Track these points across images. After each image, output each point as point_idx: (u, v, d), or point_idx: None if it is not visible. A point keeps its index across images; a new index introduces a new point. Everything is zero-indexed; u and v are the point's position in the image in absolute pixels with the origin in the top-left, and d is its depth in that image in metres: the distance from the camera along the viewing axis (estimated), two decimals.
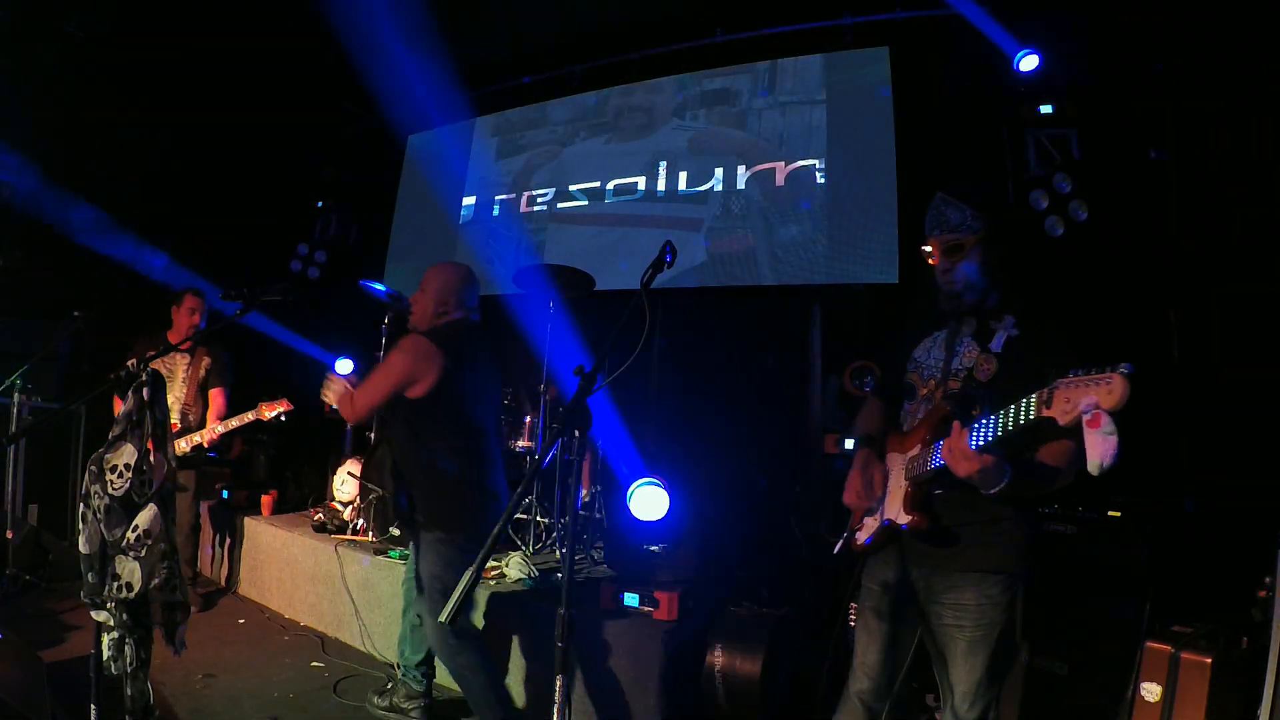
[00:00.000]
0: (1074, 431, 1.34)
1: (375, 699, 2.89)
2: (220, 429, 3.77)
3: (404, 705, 2.84)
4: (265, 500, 4.49)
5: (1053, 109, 3.75)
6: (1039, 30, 3.73)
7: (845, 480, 1.89)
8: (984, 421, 1.50)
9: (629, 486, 3.24)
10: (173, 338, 3.92)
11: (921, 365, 1.83)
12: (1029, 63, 3.74)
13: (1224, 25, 3.26)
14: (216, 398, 3.93)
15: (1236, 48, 3.25)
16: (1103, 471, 1.30)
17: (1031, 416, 1.40)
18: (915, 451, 1.71)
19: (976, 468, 1.49)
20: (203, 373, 3.94)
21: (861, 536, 1.82)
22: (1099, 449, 1.29)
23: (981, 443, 1.49)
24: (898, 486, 1.74)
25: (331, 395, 2.60)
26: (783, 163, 4.68)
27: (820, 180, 4.53)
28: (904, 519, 1.69)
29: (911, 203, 4.11)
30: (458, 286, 2.66)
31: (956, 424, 1.53)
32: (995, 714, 1.73)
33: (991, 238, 1.75)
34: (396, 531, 3.68)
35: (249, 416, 3.71)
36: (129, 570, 2.01)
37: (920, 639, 1.79)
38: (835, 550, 1.89)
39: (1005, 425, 1.46)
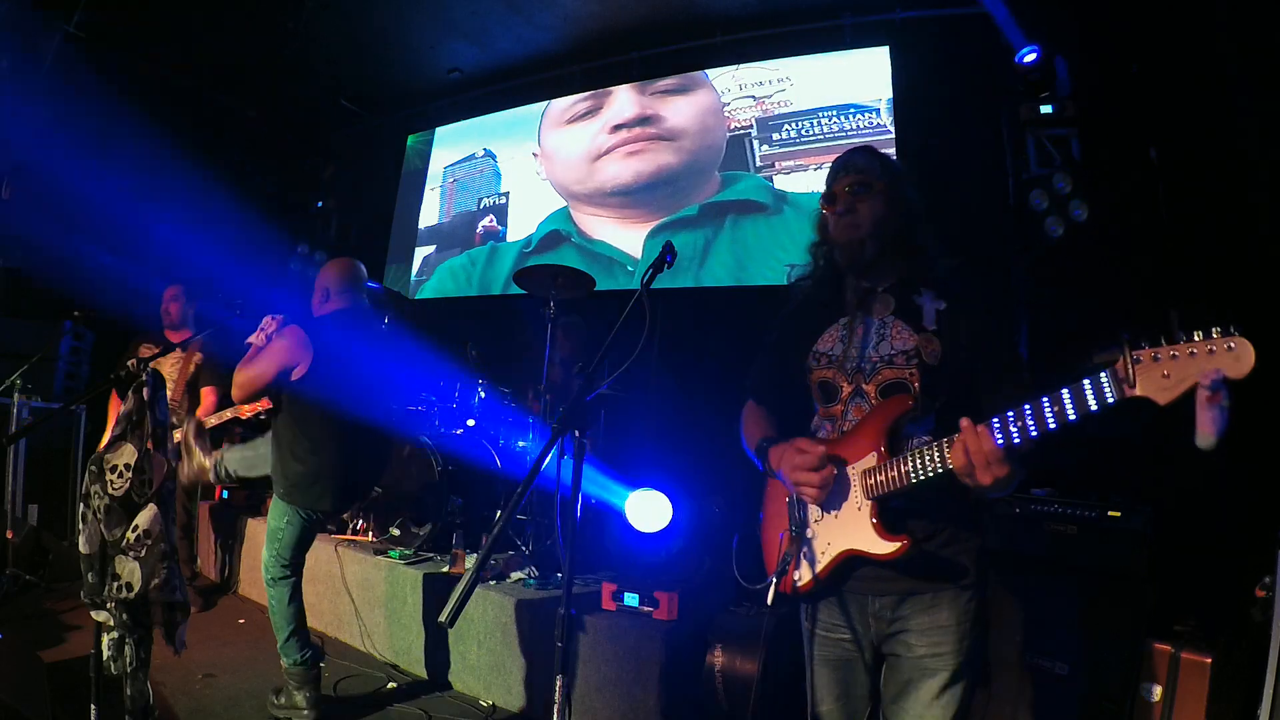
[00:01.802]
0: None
1: (273, 698, 2.80)
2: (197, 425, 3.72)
3: (298, 701, 2.74)
4: (265, 501, 4.49)
5: (1053, 109, 3.75)
6: (1040, 28, 3.73)
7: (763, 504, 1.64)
8: (1011, 415, 1.23)
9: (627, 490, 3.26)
10: (170, 334, 3.91)
11: (835, 359, 1.53)
12: (1031, 59, 3.72)
13: (1224, 23, 3.26)
14: (208, 395, 3.86)
15: (1237, 45, 3.25)
16: (1211, 447, 1.11)
17: (1110, 400, 1.15)
18: (870, 463, 1.43)
19: (1005, 472, 1.24)
20: (192, 369, 3.87)
21: (802, 574, 1.51)
22: (1216, 423, 1.09)
23: (1017, 441, 1.23)
24: (853, 508, 1.44)
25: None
26: (789, 162, 4.69)
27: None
28: (884, 548, 1.39)
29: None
30: (338, 278, 2.88)
31: (967, 422, 1.26)
32: None
33: (902, 188, 1.55)
34: (396, 531, 3.68)
35: (227, 414, 3.64)
36: (129, 570, 2.01)
37: (877, 683, 1.56)
38: (769, 600, 1.50)
39: (1059, 416, 1.19)
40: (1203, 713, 2.25)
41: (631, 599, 2.83)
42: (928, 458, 1.34)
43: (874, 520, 1.41)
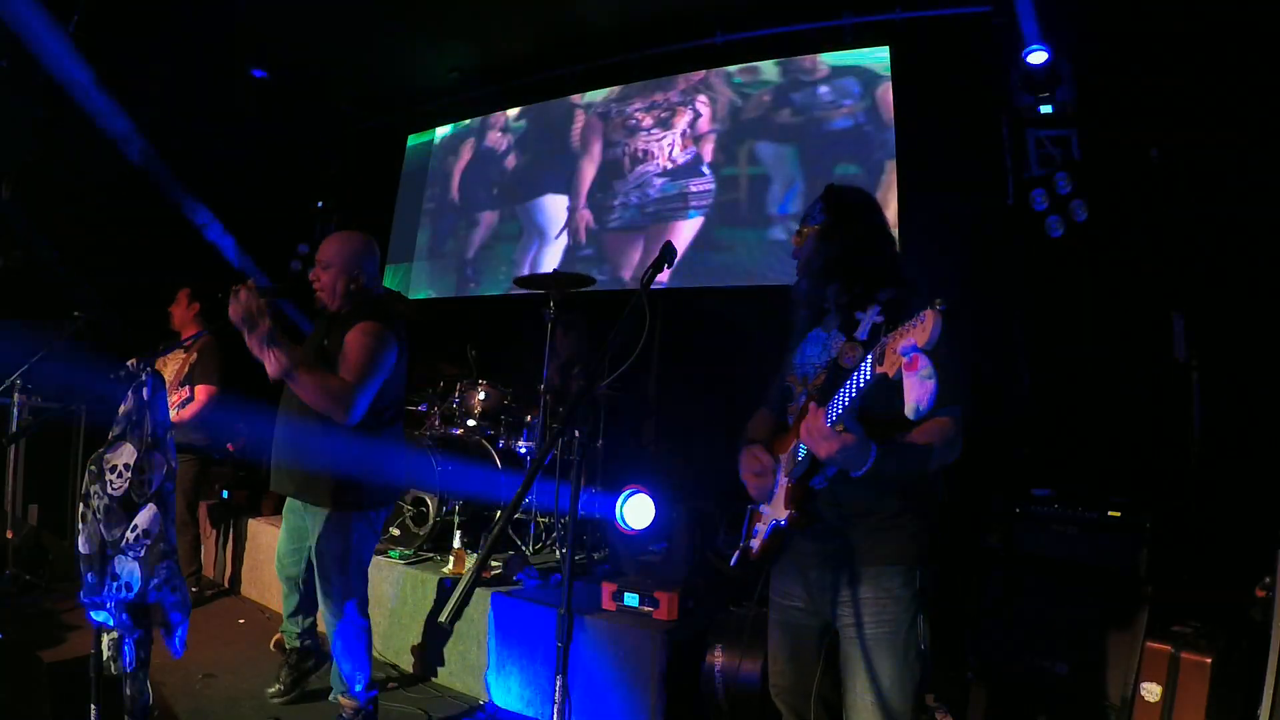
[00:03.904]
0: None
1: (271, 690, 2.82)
2: None
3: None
4: (265, 500, 4.49)
5: (1052, 109, 3.75)
6: (1042, 27, 3.73)
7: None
8: (835, 397, 1.48)
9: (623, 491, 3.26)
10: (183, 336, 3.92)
11: (795, 367, 1.81)
12: (1037, 58, 3.71)
13: (1227, 22, 3.27)
14: (200, 393, 3.86)
15: (1240, 44, 3.25)
16: (919, 415, 1.30)
17: (869, 377, 1.39)
18: (792, 447, 1.68)
19: (836, 446, 1.45)
20: (186, 369, 3.88)
21: (756, 544, 1.76)
22: (915, 392, 1.27)
23: (834, 418, 1.47)
24: (781, 486, 1.70)
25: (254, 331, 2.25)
26: (788, 162, 4.69)
27: (820, 180, 4.54)
28: (785, 514, 1.64)
29: (912, 202, 4.11)
30: (362, 255, 2.57)
31: (812, 404, 1.52)
32: None
33: (831, 229, 1.75)
34: (396, 531, 3.68)
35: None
36: (129, 570, 2.01)
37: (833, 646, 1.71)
38: (731, 563, 1.81)
39: (849, 393, 1.44)
40: (1203, 713, 2.24)
41: (631, 599, 2.83)
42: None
43: (785, 494, 1.65)
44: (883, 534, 1.62)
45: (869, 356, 1.39)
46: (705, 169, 4.91)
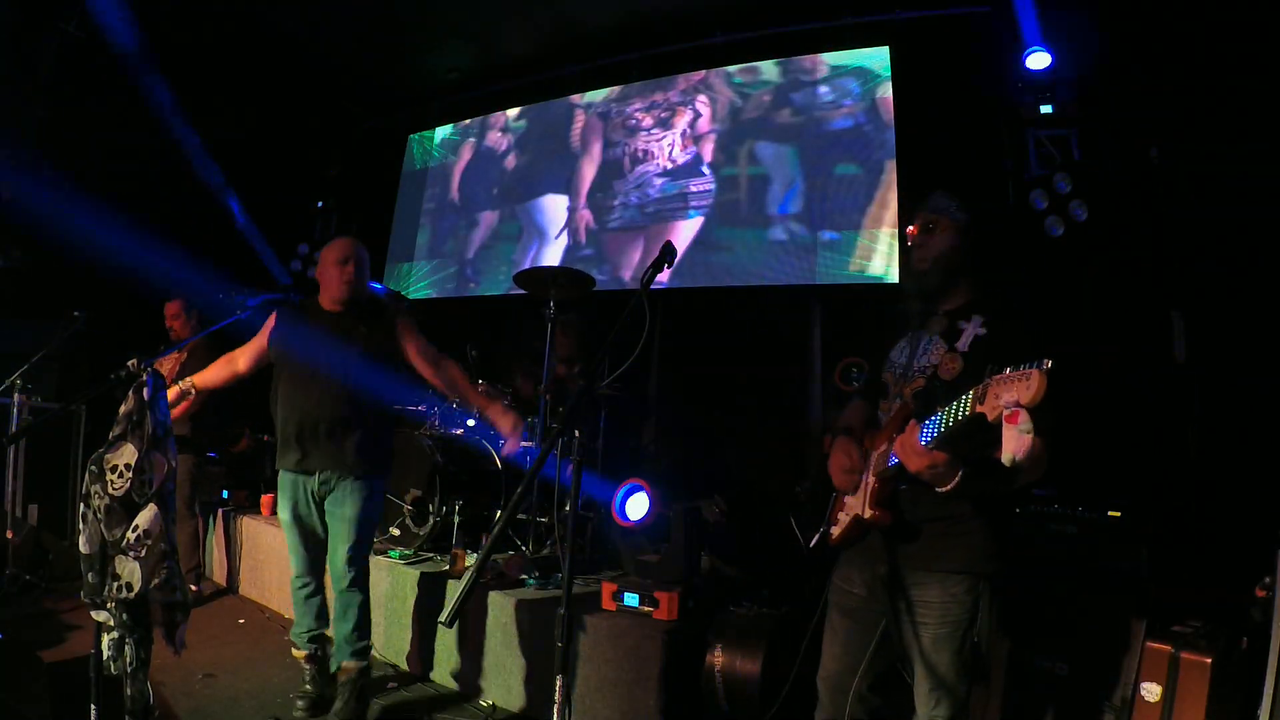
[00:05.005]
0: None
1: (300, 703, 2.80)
2: None
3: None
4: (265, 500, 4.48)
5: (1053, 109, 3.75)
6: (1042, 28, 3.73)
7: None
8: (933, 419, 1.51)
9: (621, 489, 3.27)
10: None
11: (894, 364, 1.84)
12: (1038, 60, 3.71)
13: (1229, 23, 3.26)
14: None
15: (1241, 45, 3.25)
16: (1015, 465, 1.33)
17: (966, 413, 1.42)
18: (883, 448, 1.72)
19: (926, 463, 1.50)
20: (178, 369, 3.86)
21: (836, 531, 1.84)
22: (1013, 445, 1.31)
23: (929, 439, 1.51)
24: (867, 482, 1.75)
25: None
26: (788, 162, 4.69)
27: (820, 180, 4.54)
28: (869, 514, 1.71)
29: (911, 202, 4.11)
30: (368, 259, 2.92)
31: (911, 421, 1.56)
32: (966, 716, 1.73)
33: (969, 229, 1.78)
34: (396, 531, 3.68)
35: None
36: (129, 570, 2.01)
37: (886, 638, 1.79)
38: (811, 544, 1.91)
39: (947, 422, 1.47)
40: (1203, 713, 2.24)
41: (631, 599, 2.83)
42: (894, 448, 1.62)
43: (870, 492, 1.71)
44: (955, 539, 1.67)
45: (969, 394, 1.41)
46: (705, 169, 4.91)
